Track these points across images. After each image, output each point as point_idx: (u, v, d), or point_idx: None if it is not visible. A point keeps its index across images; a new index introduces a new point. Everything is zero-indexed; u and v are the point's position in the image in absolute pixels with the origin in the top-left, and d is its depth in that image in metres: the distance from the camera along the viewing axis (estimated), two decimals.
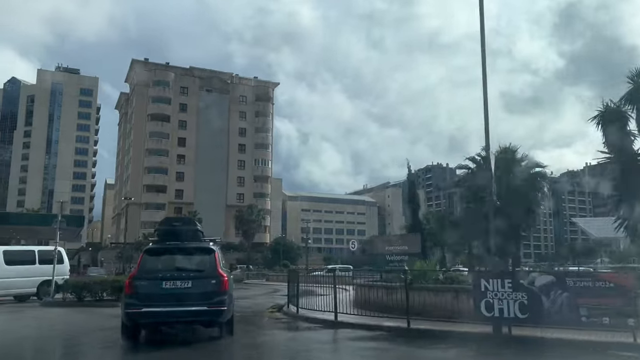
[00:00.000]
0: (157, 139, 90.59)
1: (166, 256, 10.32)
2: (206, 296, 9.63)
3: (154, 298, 9.49)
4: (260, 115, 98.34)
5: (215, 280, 9.84)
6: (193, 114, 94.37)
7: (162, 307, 9.48)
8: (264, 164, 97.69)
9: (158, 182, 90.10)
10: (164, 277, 9.68)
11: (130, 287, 9.74)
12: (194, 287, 9.65)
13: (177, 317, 9.74)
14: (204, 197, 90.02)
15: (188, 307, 9.53)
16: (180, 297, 9.52)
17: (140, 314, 9.49)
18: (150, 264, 10.09)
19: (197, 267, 10.03)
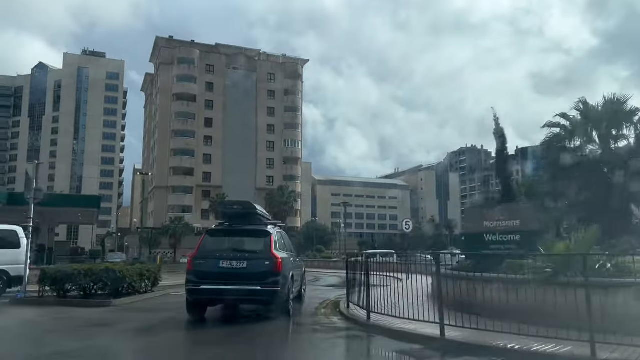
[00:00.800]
0: (183, 120, 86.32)
1: (225, 237, 10.87)
2: (260, 276, 9.92)
3: (211, 276, 9.97)
4: (290, 93, 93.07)
5: (269, 262, 10.08)
6: (219, 93, 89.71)
7: (218, 285, 9.89)
8: (293, 144, 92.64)
9: (185, 164, 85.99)
10: (221, 257, 10.13)
11: (191, 266, 10.31)
12: (248, 267, 9.99)
13: (232, 295, 10.07)
14: (233, 179, 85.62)
15: (242, 286, 9.88)
16: (235, 276, 9.89)
17: (198, 290, 10.07)
18: (210, 244, 10.59)
19: (252, 249, 10.46)
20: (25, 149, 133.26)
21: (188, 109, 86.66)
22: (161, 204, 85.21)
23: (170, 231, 71.96)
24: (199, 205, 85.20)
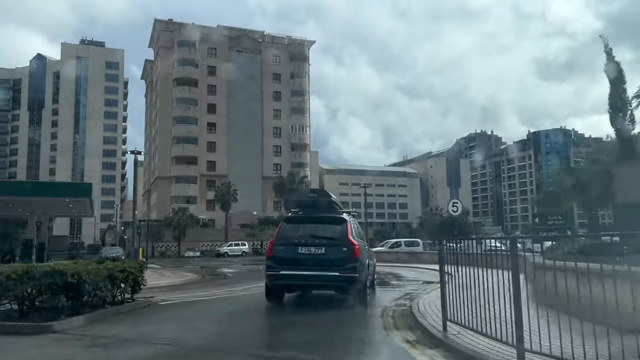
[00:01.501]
0: (185, 106, 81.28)
1: (302, 224, 10.95)
2: (338, 262, 10.02)
3: (290, 262, 10.16)
4: (296, 76, 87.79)
5: (347, 248, 10.11)
6: (222, 78, 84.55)
7: (297, 271, 10.12)
8: (301, 130, 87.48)
9: (188, 152, 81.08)
10: (299, 243, 10.27)
11: (271, 252, 10.49)
12: (327, 254, 10.12)
13: (311, 280, 10.31)
14: (238, 168, 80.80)
15: (321, 271, 10.07)
16: (314, 262, 10.06)
17: (278, 275, 10.32)
18: (288, 231, 10.71)
19: (330, 235, 10.45)
20: (25, 142, 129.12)
21: (190, 95, 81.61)
22: (164, 195, 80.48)
23: (173, 223, 67.19)
24: (204, 195, 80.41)
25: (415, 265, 29.44)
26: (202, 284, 20.82)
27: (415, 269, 26.78)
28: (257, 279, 23.01)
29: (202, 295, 13.71)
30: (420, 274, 23.96)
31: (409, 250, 41.12)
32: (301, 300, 11.87)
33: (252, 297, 13.57)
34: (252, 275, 26.24)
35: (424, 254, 34.54)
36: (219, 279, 25.75)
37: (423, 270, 25.93)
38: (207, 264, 42.01)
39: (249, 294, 14.65)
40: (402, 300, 11.57)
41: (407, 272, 24.24)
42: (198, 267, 38.03)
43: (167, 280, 22.07)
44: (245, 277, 25.40)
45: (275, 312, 10.43)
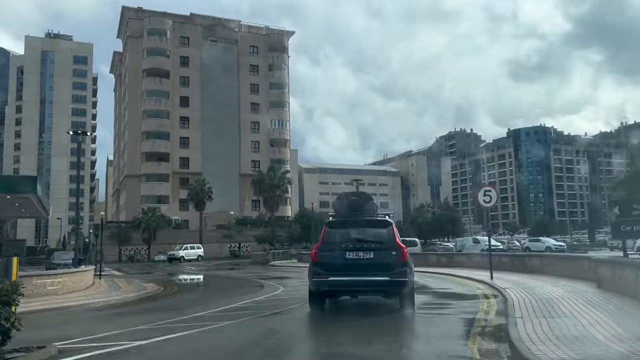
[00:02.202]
0: (156, 99, 75.05)
1: (347, 229, 10.34)
2: (388, 267, 9.57)
3: (338, 268, 9.64)
4: (275, 68, 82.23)
5: (396, 252, 9.75)
6: (196, 69, 78.56)
7: (346, 277, 9.56)
8: (280, 125, 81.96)
9: (159, 149, 74.86)
10: (347, 248, 9.77)
11: (317, 257, 10.04)
12: (375, 258, 9.65)
13: (361, 286, 9.84)
14: (214, 165, 74.97)
15: (371, 277, 9.56)
16: (363, 267, 9.59)
17: (327, 282, 9.77)
18: (333, 236, 10.18)
19: (377, 239, 10.01)
20: None
21: (161, 87, 75.40)
22: (133, 195, 74.13)
23: (142, 224, 61.08)
24: (177, 194, 74.36)
25: (424, 269, 24.47)
26: (162, 301, 15.38)
27: (430, 275, 21.79)
28: (238, 290, 17.68)
29: (149, 335, 8.14)
30: (443, 281, 18.89)
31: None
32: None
33: (243, 331, 8.55)
34: (228, 286, 20.93)
35: (428, 255, 29.68)
36: (186, 291, 20.30)
37: (442, 277, 20.90)
38: (177, 269, 36.39)
39: (236, 325, 9.28)
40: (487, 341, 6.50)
41: (426, 280, 19.24)
42: (166, 273, 32.44)
43: (113, 296, 16.54)
44: (221, 288, 20.07)
45: None
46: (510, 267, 20.93)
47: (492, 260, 22.90)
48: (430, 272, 22.65)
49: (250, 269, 35.92)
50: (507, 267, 21.29)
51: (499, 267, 21.35)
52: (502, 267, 21.52)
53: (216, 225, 71.63)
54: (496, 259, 22.51)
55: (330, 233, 10.24)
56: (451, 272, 22.01)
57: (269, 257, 44.06)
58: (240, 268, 37.37)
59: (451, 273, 21.46)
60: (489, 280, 16.89)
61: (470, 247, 49.77)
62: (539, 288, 13.55)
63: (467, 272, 21.16)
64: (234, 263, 47.80)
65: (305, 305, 10.96)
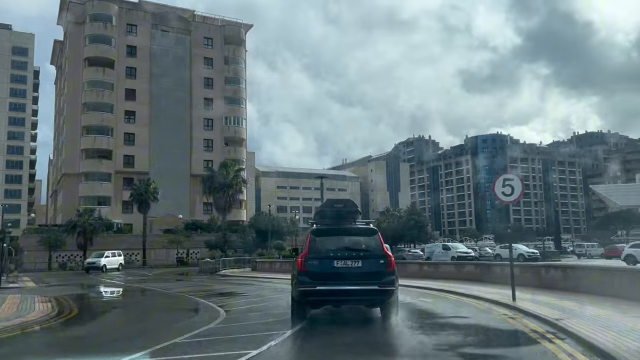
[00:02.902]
0: (98, 90, 67.83)
1: (334, 237, 10.08)
2: (376, 276, 9.38)
3: (326, 277, 9.37)
4: (231, 62, 76.32)
5: (384, 260, 9.57)
6: (144, 60, 71.79)
7: (334, 286, 9.34)
8: (236, 122, 76.03)
9: (100, 145, 67.62)
10: (335, 257, 9.52)
11: (303, 266, 9.53)
12: (364, 267, 9.46)
13: (349, 295, 9.56)
14: (162, 165, 68.46)
15: (359, 286, 9.33)
16: (351, 276, 9.37)
17: (314, 292, 9.38)
18: (320, 244, 9.84)
19: (365, 247, 9.82)
20: None
21: (104, 77, 68.24)
22: (71, 196, 66.54)
23: (77, 228, 53.98)
24: (120, 195, 67.32)
25: (407, 282, 19.65)
26: (31, 338, 9.78)
27: (419, 292, 16.92)
28: (160, 318, 12.33)
29: None
30: (445, 302, 13.95)
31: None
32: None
33: None
34: (150, 309, 15.25)
35: (408, 264, 24.82)
36: (85, 317, 14.38)
37: (437, 294, 16.03)
38: (102, 280, 30.14)
39: None
40: None
41: (421, 300, 14.35)
42: (86, 286, 26.33)
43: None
44: (139, 313, 14.30)
45: None
46: (519, 281, 16.39)
47: (490, 273, 18.28)
48: (418, 287, 17.77)
49: (195, 280, 30.23)
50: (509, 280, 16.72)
51: (500, 281, 16.73)
52: (504, 280, 16.95)
53: (163, 230, 65.18)
54: (497, 269, 17.89)
55: (317, 241, 9.90)
56: (444, 286, 17.19)
57: (218, 266, 38.36)
58: (182, 279, 31.61)
59: (446, 288, 16.60)
60: (512, 301, 12.11)
61: (439, 254, 45.62)
62: (614, 320, 8.81)
63: (466, 287, 16.41)
64: (179, 272, 41.77)
65: None
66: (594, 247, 59.13)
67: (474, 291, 14.91)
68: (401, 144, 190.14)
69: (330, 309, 11.01)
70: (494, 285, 16.29)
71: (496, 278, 17.41)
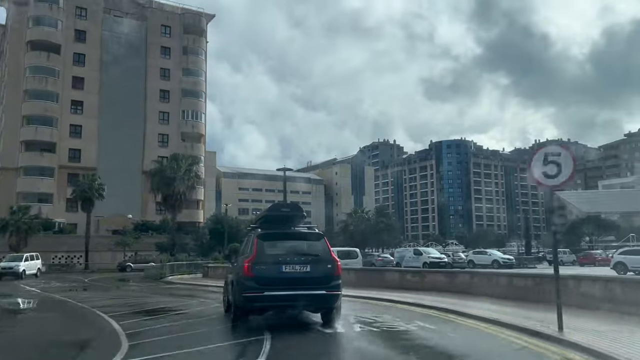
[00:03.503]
0: (41, 77, 61.52)
1: (282, 241, 9.93)
2: (324, 280, 9.32)
3: (274, 282, 9.16)
4: (190, 53, 71.09)
5: (331, 265, 9.51)
6: (95, 46, 65.83)
7: (282, 291, 9.11)
8: (195, 117, 70.79)
9: (43, 137, 61.28)
10: (284, 261, 9.31)
11: (250, 271, 9.25)
12: (312, 272, 9.32)
13: (296, 300, 9.31)
14: (112, 160, 62.47)
15: (307, 290, 9.16)
16: (300, 281, 9.18)
17: (262, 297, 9.11)
18: (267, 248, 9.58)
19: (313, 252, 9.67)
20: None
21: (48, 63, 62.00)
22: (8, 192, 59.84)
23: (9, 227, 47.86)
24: (63, 192, 61.04)
25: (386, 294, 15.62)
26: None
27: (407, 310, 12.83)
28: None
29: None
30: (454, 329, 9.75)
31: (343, 264, 27.28)
32: None
33: None
34: (30, 340, 10.17)
35: (385, 272, 20.81)
36: None
37: (438, 315, 11.84)
38: (18, 288, 24.81)
39: None
40: None
41: (410, 324, 10.22)
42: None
43: None
44: (14, 344, 9.33)
45: None
46: (528, 294, 12.57)
47: (491, 284, 14.40)
48: (405, 302, 13.67)
49: (132, 288, 25.45)
50: (521, 295, 12.89)
51: (511, 295, 12.91)
52: (514, 294, 13.17)
53: (112, 231, 59.56)
54: (503, 280, 14.03)
55: (264, 245, 9.58)
56: (441, 302, 13.08)
57: (164, 271, 33.44)
58: (118, 286, 26.73)
59: (445, 306, 12.47)
60: (558, 332, 8.12)
61: (410, 260, 41.95)
62: None
63: (474, 305, 12.40)
64: (120, 278, 36.65)
65: None
66: (566, 254, 56.86)
67: (493, 312, 10.90)
68: (366, 147, 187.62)
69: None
70: (505, 302, 12.41)
71: (502, 292, 13.57)
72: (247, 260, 9.40)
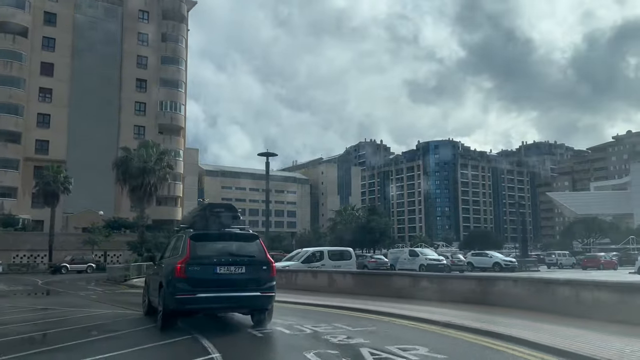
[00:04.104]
0: (6, 61, 56.43)
1: (215, 242, 9.42)
2: (259, 282, 9.09)
3: (207, 283, 8.75)
4: (169, 39, 66.49)
5: (266, 266, 9.29)
6: (66, 30, 60.94)
7: (216, 293, 8.77)
8: (173, 108, 66.15)
9: (7, 125, 56.18)
10: (219, 263, 8.91)
11: (183, 272, 8.70)
12: (247, 273, 9.04)
13: (230, 302, 9.07)
14: (82, 153, 57.75)
15: (242, 292, 8.91)
16: (235, 282, 8.91)
17: (194, 299, 8.66)
18: (200, 249, 9.07)
19: (248, 253, 9.34)
20: None
21: (14, 46, 56.98)
22: None
23: None
24: (29, 186, 55.98)
25: (397, 308, 11.54)
26: None
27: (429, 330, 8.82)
28: None
29: None
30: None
31: (335, 266, 23.23)
32: None
33: None
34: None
35: (392, 277, 16.80)
36: None
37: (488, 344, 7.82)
38: None
39: None
40: None
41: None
42: None
43: None
44: None
45: None
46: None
47: (541, 295, 10.47)
48: (427, 321, 9.68)
49: (82, 293, 21.10)
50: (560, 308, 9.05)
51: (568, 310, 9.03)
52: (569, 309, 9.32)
53: (82, 229, 54.90)
54: (566, 291, 10.10)
55: (198, 246, 9.02)
56: (484, 322, 9.14)
57: (129, 273, 29.04)
58: (67, 291, 22.36)
59: (494, 329, 8.51)
60: None
61: (405, 262, 38.11)
62: None
63: (529, 324, 8.45)
64: (78, 279, 32.19)
65: None
66: (565, 257, 53.66)
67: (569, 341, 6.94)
68: (352, 147, 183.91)
69: None
70: (566, 319, 8.55)
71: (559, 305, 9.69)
72: (180, 261, 8.77)
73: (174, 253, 9.58)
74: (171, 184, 64.05)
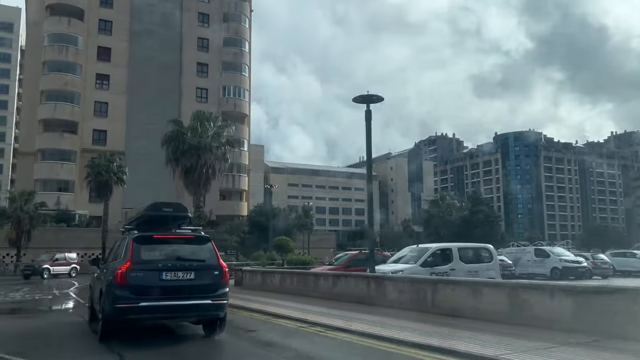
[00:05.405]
0: (61, 46, 52.40)
1: (162, 245, 8.33)
2: (210, 288, 8.04)
3: (152, 291, 7.69)
4: (231, 19, 60.53)
5: (218, 272, 8.25)
6: (123, 12, 56.33)
7: (162, 301, 7.73)
8: (237, 94, 60.09)
9: (62, 115, 52.11)
10: (165, 268, 7.84)
11: (124, 279, 7.61)
12: (196, 279, 7.99)
13: (178, 311, 7.96)
14: (142, 143, 52.70)
15: (191, 300, 7.88)
16: (183, 289, 7.86)
17: (137, 309, 7.54)
18: (145, 253, 8.00)
19: (198, 257, 8.28)
20: None
21: (69, 30, 52.86)
22: (26, 179, 51.08)
23: (12, 219, 38.45)
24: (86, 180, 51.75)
25: None
26: None
27: None
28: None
29: None
30: None
31: (470, 271, 15.21)
32: None
33: None
34: None
35: (547, 293, 8.82)
36: None
37: None
38: None
39: None
40: None
41: None
42: None
43: None
44: None
45: None
46: None
47: None
48: None
49: None
50: None
51: None
52: None
53: None
54: None
55: (141, 250, 7.93)
56: None
57: None
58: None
59: None
60: None
61: (529, 264, 29.17)
62: None
63: None
64: None
65: None
66: None
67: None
68: (422, 142, 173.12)
69: None
70: None
71: None
72: (121, 266, 7.71)
73: (116, 257, 8.44)
74: (236, 176, 58.12)
